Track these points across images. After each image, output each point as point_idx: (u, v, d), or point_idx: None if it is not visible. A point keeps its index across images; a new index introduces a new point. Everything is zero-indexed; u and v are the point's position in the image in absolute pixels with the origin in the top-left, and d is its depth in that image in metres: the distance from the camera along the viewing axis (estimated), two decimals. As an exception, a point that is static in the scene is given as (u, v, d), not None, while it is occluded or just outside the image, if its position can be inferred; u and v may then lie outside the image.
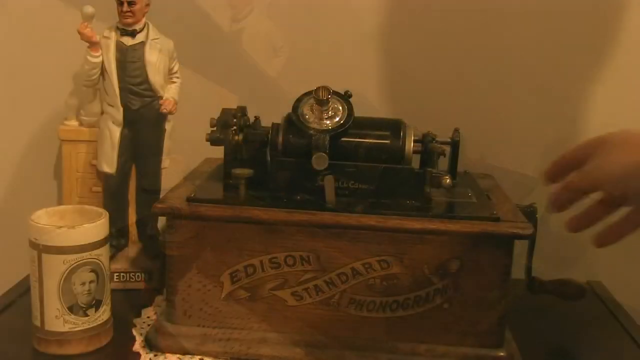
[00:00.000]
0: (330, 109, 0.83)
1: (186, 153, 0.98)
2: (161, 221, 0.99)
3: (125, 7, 0.89)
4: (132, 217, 0.99)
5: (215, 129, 0.86)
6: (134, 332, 0.84)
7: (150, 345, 0.80)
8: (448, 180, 0.80)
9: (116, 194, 0.95)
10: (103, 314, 0.80)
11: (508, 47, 1.06)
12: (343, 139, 0.83)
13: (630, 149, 0.66)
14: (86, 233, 0.76)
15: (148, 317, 0.88)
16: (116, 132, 0.92)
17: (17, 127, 1.12)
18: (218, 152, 0.88)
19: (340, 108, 0.84)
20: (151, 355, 0.79)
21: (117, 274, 0.95)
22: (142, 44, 0.91)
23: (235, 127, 0.86)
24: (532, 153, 1.09)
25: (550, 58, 1.06)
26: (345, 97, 0.85)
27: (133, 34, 0.91)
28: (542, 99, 1.07)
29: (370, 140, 0.84)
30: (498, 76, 1.07)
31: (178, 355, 0.79)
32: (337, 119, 0.83)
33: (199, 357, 0.79)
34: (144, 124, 0.93)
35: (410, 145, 0.83)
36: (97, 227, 0.77)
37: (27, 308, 0.80)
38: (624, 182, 0.66)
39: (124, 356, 0.79)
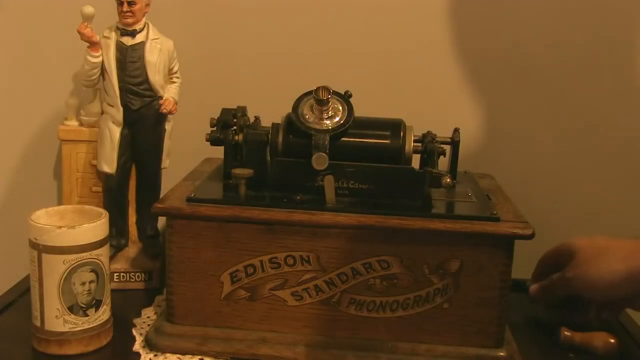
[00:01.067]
0: (330, 109, 0.83)
1: (186, 153, 0.99)
2: (161, 221, 1.00)
3: (125, 7, 0.89)
4: (132, 217, 0.99)
5: (215, 129, 0.86)
6: (134, 332, 0.84)
7: (150, 345, 0.80)
8: (448, 180, 0.80)
9: (116, 194, 0.95)
10: (103, 314, 0.80)
11: (509, 46, 1.06)
12: (343, 139, 0.83)
13: (604, 261, 0.78)
14: (86, 233, 0.76)
15: (148, 317, 0.88)
16: (116, 132, 0.92)
17: (17, 127, 1.12)
18: (218, 152, 0.88)
19: (340, 108, 0.84)
20: (151, 355, 0.79)
21: (117, 274, 0.95)
22: (142, 44, 0.91)
23: (235, 127, 0.86)
24: (532, 153, 1.09)
25: (551, 57, 1.06)
26: (345, 97, 0.85)
27: (133, 34, 0.91)
28: (542, 98, 1.07)
29: (370, 140, 0.84)
30: (498, 76, 1.07)
31: (178, 355, 0.79)
32: (337, 119, 0.83)
33: (199, 357, 0.79)
34: (144, 124, 0.93)
35: (410, 145, 0.84)
36: (97, 227, 0.77)
37: (27, 308, 0.80)
38: (607, 293, 0.80)
39: (124, 356, 0.79)
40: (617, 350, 0.83)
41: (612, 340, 0.83)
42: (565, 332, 0.85)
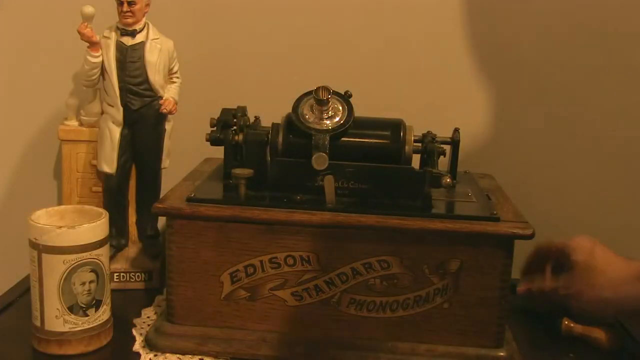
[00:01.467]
0: (330, 109, 0.83)
1: (186, 153, 0.99)
2: (161, 221, 1.00)
3: (125, 7, 0.89)
4: (132, 217, 0.99)
5: (215, 129, 0.86)
6: (134, 332, 0.84)
7: (150, 345, 0.80)
8: (448, 180, 0.80)
9: (116, 194, 0.95)
10: (103, 314, 0.80)
11: (509, 46, 1.06)
12: (343, 139, 0.83)
13: (596, 288, 0.80)
14: (86, 233, 0.76)
15: (148, 317, 0.88)
16: (116, 132, 0.92)
17: (17, 127, 1.12)
18: (218, 152, 0.88)
19: (340, 108, 0.84)
20: (151, 355, 0.79)
21: (117, 274, 0.95)
22: (142, 44, 0.91)
23: (235, 127, 0.86)
24: (532, 153, 1.09)
25: (551, 58, 1.06)
26: (345, 97, 0.85)
27: (133, 34, 0.91)
28: (542, 99, 1.07)
29: (370, 140, 0.84)
30: (499, 76, 1.07)
31: (178, 355, 0.79)
32: (337, 119, 0.83)
33: (199, 357, 0.79)
34: (144, 124, 0.93)
35: (410, 145, 0.84)
36: (97, 227, 0.77)
37: (27, 308, 0.80)
38: (596, 316, 0.83)
39: (124, 356, 0.79)
40: (618, 344, 0.83)
41: (614, 333, 0.83)
42: (566, 322, 0.85)
